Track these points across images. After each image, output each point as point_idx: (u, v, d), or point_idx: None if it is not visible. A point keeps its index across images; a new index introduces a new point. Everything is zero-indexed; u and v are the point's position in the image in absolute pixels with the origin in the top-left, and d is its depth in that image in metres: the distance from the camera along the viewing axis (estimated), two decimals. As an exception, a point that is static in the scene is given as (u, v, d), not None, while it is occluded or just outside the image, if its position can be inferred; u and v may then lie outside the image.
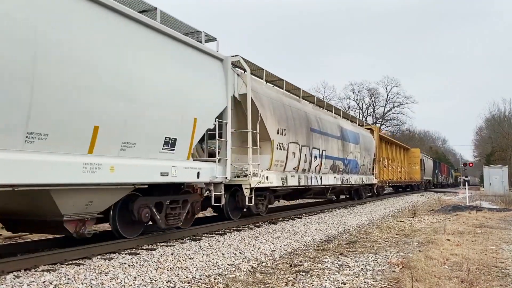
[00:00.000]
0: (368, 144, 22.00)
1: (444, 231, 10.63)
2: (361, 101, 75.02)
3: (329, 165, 16.20)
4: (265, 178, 11.20)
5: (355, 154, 19.23)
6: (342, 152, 17.62)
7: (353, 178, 19.12)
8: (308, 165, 14.16)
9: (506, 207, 18.96)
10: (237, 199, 10.76)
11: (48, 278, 5.26)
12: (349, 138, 18.64)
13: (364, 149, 20.71)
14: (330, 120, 17.08)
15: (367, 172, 21.71)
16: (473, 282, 5.55)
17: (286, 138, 12.48)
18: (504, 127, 59.88)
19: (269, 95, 12.17)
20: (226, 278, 5.87)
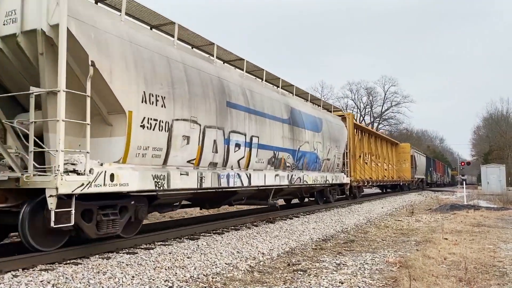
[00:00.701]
0: (337, 133, 17.64)
1: (441, 230, 10.65)
2: (359, 100, 75.12)
3: (265, 158, 11.60)
4: (107, 177, 6.65)
5: (313, 145, 14.99)
6: (291, 141, 13.22)
7: (311, 177, 14.85)
8: (222, 157, 9.68)
9: (504, 206, 19.00)
10: (44, 215, 6.18)
11: (46, 278, 5.26)
12: (305, 124, 14.39)
13: (329, 140, 16.56)
14: (271, 96, 12.52)
15: (334, 169, 17.53)
16: (470, 281, 5.56)
17: (167, 112, 7.99)
18: (502, 126, 60.03)
19: (130, 37, 7.53)
20: (224, 277, 5.87)
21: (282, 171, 12.66)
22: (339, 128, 18.44)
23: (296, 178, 13.54)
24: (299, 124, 13.93)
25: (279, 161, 12.51)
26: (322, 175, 15.92)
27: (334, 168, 17.52)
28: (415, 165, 37.99)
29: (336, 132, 17.72)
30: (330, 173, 16.87)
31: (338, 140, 17.82)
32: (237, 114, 10.27)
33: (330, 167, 17.05)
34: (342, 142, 18.42)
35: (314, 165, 15.36)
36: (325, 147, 16.10)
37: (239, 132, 10.31)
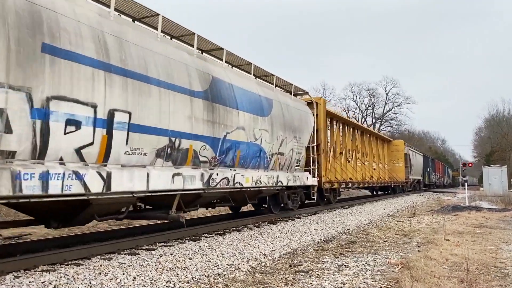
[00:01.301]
0: (297, 121, 13.68)
1: (443, 231, 10.64)
2: (361, 102, 75.01)
3: (149, 148, 7.60)
4: None
5: (254, 134, 10.87)
6: (210, 125, 9.13)
7: (251, 177, 10.67)
8: (28, 140, 5.60)
9: (506, 207, 18.97)
10: None
11: (48, 278, 5.26)
12: (238, 103, 10.28)
13: (283, 128, 12.58)
14: (170, 55, 8.42)
15: (292, 167, 13.52)
16: (472, 282, 5.55)
17: None
18: (504, 127, 59.99)
19: None
20: (225, 278, 5.87)
21: (190, 169, 8.59)
22: (303, 115, 14.35)
23: (220, 179, 9.33)
24: (226, 101, 9.76)
25: (183, 153, 8.36)
26: (269, 175, 11.67)
27: (292, 166, 13.44)
28: (409, 165, 34.58)
29: (297, 119, 13.67)
30: (284, 172, 12.72)
31: (300, 130, 13.78)
32: (74, 70, 6.17)
33: (285, 165, 12.86)
34: (305, 133, 14.29)
35: (256, 161, 11.11)
36: (275, 138, 11.96)
37: (77, 101, 6.20)
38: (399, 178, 31.11)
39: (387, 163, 29.56)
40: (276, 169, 12.36)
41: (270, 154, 11.83)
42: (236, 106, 10.24)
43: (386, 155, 29.95)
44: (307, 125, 14.67)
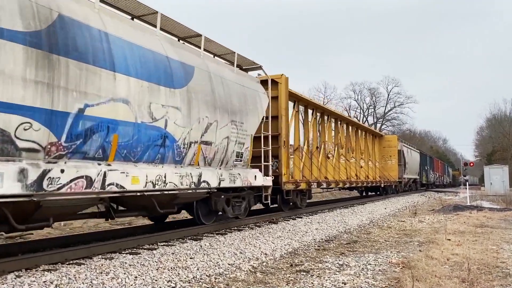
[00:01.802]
0: (238, 100, 10.39)
1: (444, 230, 10.63)
2: (362, 101, 75.03)
3: None
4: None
5: (150, 111, 7.66)
6: (44, 89, 5.80)
7: (148, 175, 7.57)
8: None
9: (507, 207, 18.95)
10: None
11: (49, 278, 5.27)
12: (114, 60, 7.00)
13: (210, 107, 9.31)
14: None
15: (229, 161, 10.22)
16: (473, 282, 5.55)
17: None
18: (505, 127, 59.95)
19: None
20: (227, 277, 5.88)
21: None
22: (249, 94, 10.98)
23: (70, 178, 6.10)
24: (87, 56, 6.49)
25: None
26: (184, 173, 8.39)
27: (228, 161, 10.10)
28: (404, 163, 31.66)
29: (238, 98, 10.36)
30: (214, 169, 9.48)
31: (242, 113, 10.50)
32: None
33: (215, 159, 9.55)
34: (252, 117, 10.94)
35: (157, 153, 7.87)
36: (195, 120, 8.69)
37: None
38: (391, 177, 28.43)
39: (378, 161, 27.21)
40: (199, 165, 8.98)
41: (185, 143, 8.40)
42: (111, 66, 6.86)
43: (377, 151, 27.53)
44: (256, 107, 11.22)
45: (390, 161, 29.01)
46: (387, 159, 29.03)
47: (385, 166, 28.47)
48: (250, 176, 10.90)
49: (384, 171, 27.82)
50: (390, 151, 29.26)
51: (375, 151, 26.93)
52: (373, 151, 26.35)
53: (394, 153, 29.26)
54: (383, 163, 28.49)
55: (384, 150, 29.06)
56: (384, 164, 28.56)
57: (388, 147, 29.29)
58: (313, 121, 17.13)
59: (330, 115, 19.43)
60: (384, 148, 29.09)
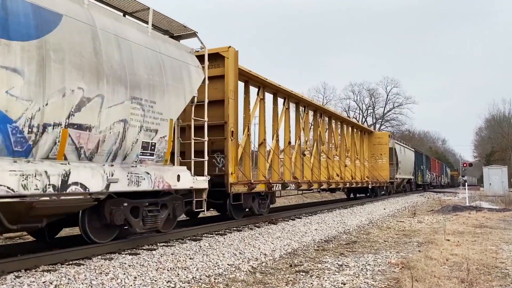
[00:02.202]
0: (143, 69, 7.56)
1: (444, 231, 10.64)
2: (361, 102, 75.10)
3: None
4: None
5: None
6: None
7: None
8: None
9: (506, 207, 18.98)
10: None
11: (49, 278, 5.27)
12: None
13: (88, 74, 6.50)
14: None
15: (130, 155, 7.41)
16: (472, 282, 5.56)
17: None
18: (504, 127, 60.01)
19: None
20: (226, 278, 5.88)
21: None
22: (168, 65, 8.36)
23: None
24: None
25: None
26: (29, 171, 5.64)
27: (128, 154, 7.36)
28: (396, 161, 28.87)
29: (144, 67, 7.64)
30: (99, 166, 6.68)
31: (155, 88, 7.81)
32: None
33: (99, 150, 6.75)
34: (174, 96, 8.30)
35: None
36: (56, 91, 6.01)
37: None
38: (382, 177, 25.58)
39: (367, 159, 24.86)
40: (66, 159, 6.25)
41: (32, 126, 5.76)
42: None
43: (365, 149, 24.93)
44: (180, 84, 8.54)
45: (380, 159, 26.22)
46: (378, 157, 26.27)
47: (375, 166, 25.79)
48: (170, 176, 8.11)
49: (374, 171, 25.15)
50: (381, 148, 26.39)
51: (363, 149, 24.53)
52: (361, 148, 24.08)
53: (385, 151, 26.39)
54: (373, 162, 25.93)
55: (374, 148, 26.28)
56: (374, 163, 25.86)
57: (378, 145, 26.38)
58: (284, 112, 14.52)
59: (308, 107, 16.81)
60: (374, 146, 26.28)
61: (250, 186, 11.21)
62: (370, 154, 25.78)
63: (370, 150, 25.86)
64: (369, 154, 25.66)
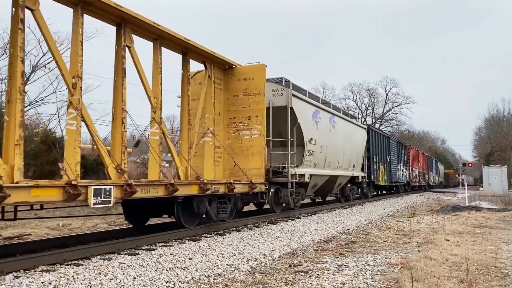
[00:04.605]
0: None
1: (443, 231, 10.64)
2: (360, 101, 75.15)
3: None
4: None
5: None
6: None
7: None
8: None
9: (505, 207, 18.98)
10: None
11: (48, 279, 5.26)
12: None
13: None
14: None
15: None
16: (472, 282, 5.56)
17: None
18: (503, 127, 60.09)
19: None
20: (225, 278, 5.88)
21: None
22: None
23: None
24: None
25: None
26: None
27: None
28: (297, 138, 13.42)
29: None
30: None
31: None
32: None
33: None
34: None
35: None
36: None
37: None
38: (249, 174, 11.42)
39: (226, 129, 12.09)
40: None
41: None
42: None
43: (221, 108, 11.94)
44: None
45: (248, 131, 12.03)
46: (244, 126, 12.06)
47: (236, 146, 11.97)
48: None
49: (240, 159, 11.66)
50: (254, 103, 11.94)
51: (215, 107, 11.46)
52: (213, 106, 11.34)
53: (260, 109, 11.92)
54: (236, 137, 12.05)
55: (238, 102, 12.10)
56: (238, 140, 12.03)
57: (246, 96, 12.06)
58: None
59: None
60: (236, 99, 12.11)
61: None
62: (227, 120, 12.12)
63: (228, 110, 12.11)
64: (226, 119, 12.12)
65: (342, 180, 18.41)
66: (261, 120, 11.76)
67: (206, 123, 11.05)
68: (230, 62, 11.69)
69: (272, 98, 13.07)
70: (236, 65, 12.00)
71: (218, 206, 10.19)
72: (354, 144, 19.74)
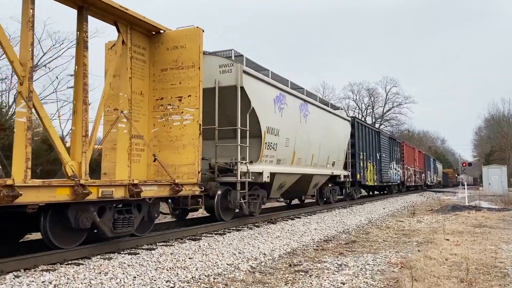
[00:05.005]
0: None
1: (443, 231, 10.65)
2: (360, 101, 75.15)
3: None
4: None
5: None
6: None
7: None
8: None
9: (505, 207, 18.98)
10: None
11: (48, 278, 5.27)
12: None
13: None
14: None
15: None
16: (472, 282, 5.56)
17: None
18: (503, 127, 60.14)
19: None
20: (225, 277, 5.88)
21: None
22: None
23: None
24: None
25: None
26: None
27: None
28: (251, 123, 10.47)
29: None
30: None
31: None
32: None
33: None
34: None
35: None
36: None
37: None
38: (179, 172, 8.89)
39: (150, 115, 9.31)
40: None
41: None
42: None
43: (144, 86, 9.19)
44: None
45: (178, 115, 9.07)
46: (173, 109, 9.13)
47: (169, 136, 9.15)
48: None
49: (168, 152, 9.09)
50: (181, 79, 9.06)
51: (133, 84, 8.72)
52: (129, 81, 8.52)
53: (193, 81, 8.95)
54: (164, 126, 9.21)
55: (166, 79, 9.25)
56: (166, 128, 9.18)
57: (176, 71, 9.12)
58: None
59: None
60: (165, 74, 9.23)
61: None
62: (154, 102, 9.40)
63: (154, 89, 9.41)
64: (153, 100, 9.41)
65: (319, 179, 15.66)
66: (195, 102, 8.98)
67: (120, 104, 8.52)
68: (155, 25, 9.10)
69: (219, 76, 10.35)
70: (165, 30, 9.42)
71: (117, 217, 7.39)
72: (334, 138, 16.76)
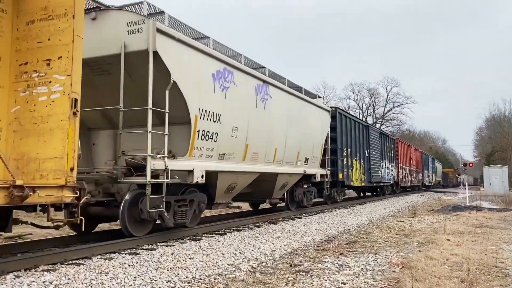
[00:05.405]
0: None
1: (444, 231, 10.64)
2: (361, 101, 75.08)
3: None
4: None
5: None
6: None
7: None
8: None
9: (506, 207, 18.97)
10: None
11: (48, 278, 5.26)
12: None
13: None
14: None
15: None
16: (473, 282, 5.55)
17: None
18: (504, 127, 60.08)
19: None
20: (226, 278, 5.88)
21: None
22: None
23: None
24: None
25: None
26: None
27: None
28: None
29: None
30: None
31: None
32: None
33: None
34: None
35: None
36: None
37: None
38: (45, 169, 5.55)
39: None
40: None
41: None
42: None
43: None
44: None
45: (45, 86, 5.67)
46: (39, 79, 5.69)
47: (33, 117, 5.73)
48: None
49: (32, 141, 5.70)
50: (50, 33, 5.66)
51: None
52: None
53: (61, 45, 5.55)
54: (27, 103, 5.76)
55: (32, 35, 5.79)
56: (29, 106, 5.76)
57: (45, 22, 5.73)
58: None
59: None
60: (31, 28, 5.82)
61: None
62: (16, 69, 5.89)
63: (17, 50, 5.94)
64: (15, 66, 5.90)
65: (287, 179, 12.88)
66: (67, 66, 5.71)
67: None
68: None
69: (127, 37, 7.57)
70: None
71: None
72: (307, 130, 13.99)
